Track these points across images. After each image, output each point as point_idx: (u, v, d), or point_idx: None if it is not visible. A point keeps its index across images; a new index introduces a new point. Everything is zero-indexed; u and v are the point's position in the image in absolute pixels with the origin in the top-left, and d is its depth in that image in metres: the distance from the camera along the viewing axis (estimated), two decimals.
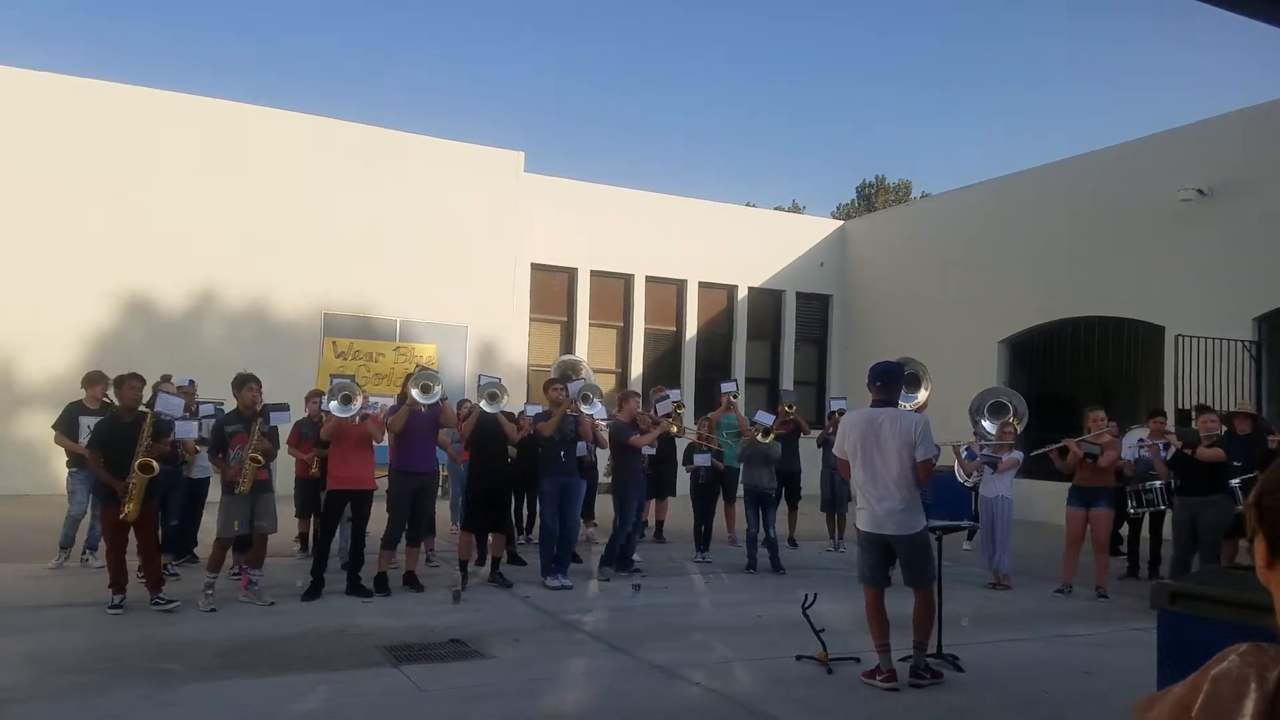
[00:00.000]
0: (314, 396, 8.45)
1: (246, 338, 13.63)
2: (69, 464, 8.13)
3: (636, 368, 17.35)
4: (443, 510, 9.91)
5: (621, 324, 17.55)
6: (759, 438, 9.35)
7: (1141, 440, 9.25)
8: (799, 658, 5.72)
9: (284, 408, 7.43)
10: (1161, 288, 12.94)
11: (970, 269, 16.15)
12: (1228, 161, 12.41)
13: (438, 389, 7.63)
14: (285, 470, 8.40)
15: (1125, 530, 9.95)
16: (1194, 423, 8.55)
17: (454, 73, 64.71)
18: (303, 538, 8.81)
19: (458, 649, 5.86)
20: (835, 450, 5.76)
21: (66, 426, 8.05)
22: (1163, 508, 9.03)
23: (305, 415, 8.40)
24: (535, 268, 16.47)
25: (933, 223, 17.78)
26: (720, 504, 10.60)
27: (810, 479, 11.22)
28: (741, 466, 9.80)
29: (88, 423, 7.87)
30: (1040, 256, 14.90)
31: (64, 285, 12.99)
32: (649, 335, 17.68)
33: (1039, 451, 9.07)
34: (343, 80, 60.52)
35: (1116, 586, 8.61)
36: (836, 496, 10.80)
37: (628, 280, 17.50)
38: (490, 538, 8.26)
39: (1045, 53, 59.23)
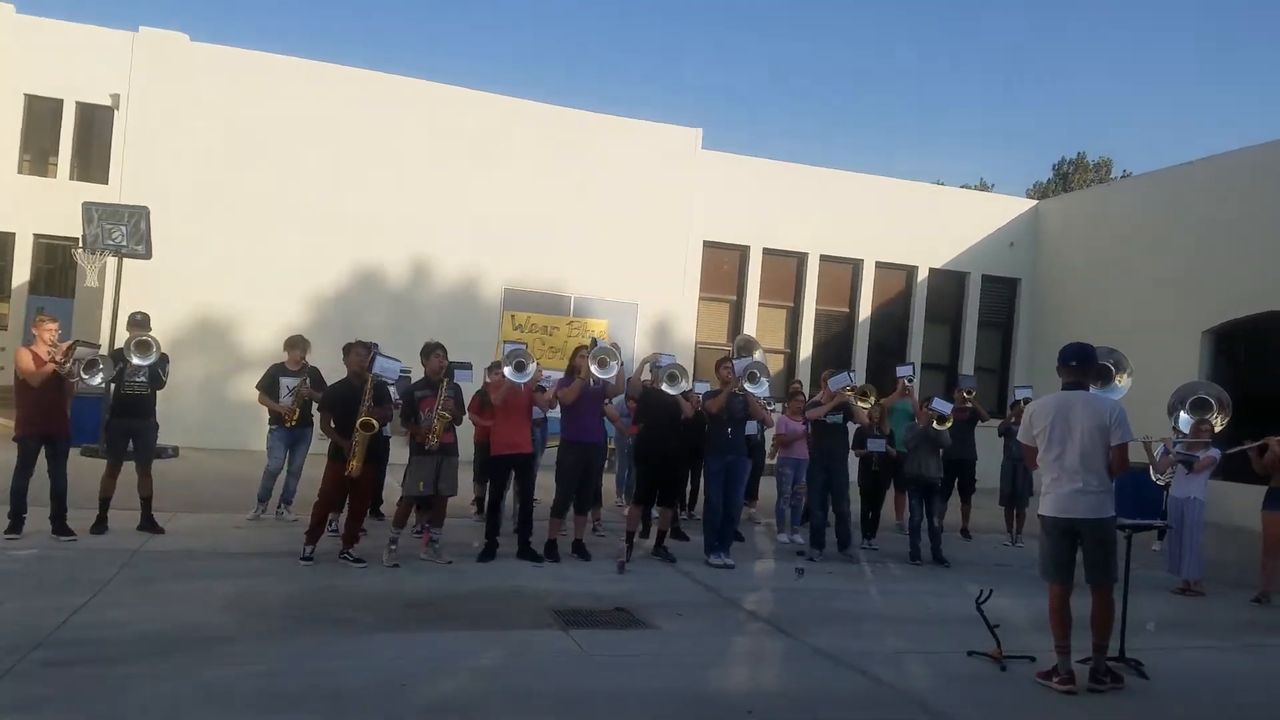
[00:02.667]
0: (495, 368, 8.84)
1: (435, 310, 14.48)
2: (270, 421, 8.78)
3: (806, 349, 17.09)
4: (608, 482, 10.17)
5: (792, 304, 17.32)
6: (934, 425, 9.02)
7: None
8: (971, 653, 5.52)
9: (467, 366, 7.86)
10: None
11: (1173, 253, 14.90)
12: None
13: (614, 364, 7.78)
14: (465, 436, 8.85)
15: None
16: None
17: (638, 50, 65.40)
18: (479, 501, 9.28)
19: (623, 617, 6.02)
20: (1021, 437, 5.49)
21: (268, 386, 8.66)
22: None
23: (486, 384, 8.82)
24: (707, 245, 16.51)
25: (1134, 203, 16.46)
26: (891, 492, 10.34)
27: (988, 470, 10.71)
28: (906, 453, 9.48)
29: (288, 384, 8.54)
30: (1251, 241, 13.57)
31: (278, 258, 14.23)
32: (820, 316, 17.36)
33: (1236, 449, 8.36)
34: (527, 61, 62.52)
35: None
36: (1017, 490, 10.28)
37: (801, 259, 17.23)
38: (656, 511, 8.40)
39: (1260, 25, 52.97)
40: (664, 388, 7.99)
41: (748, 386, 8.32)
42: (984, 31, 60.27)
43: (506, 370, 7.54)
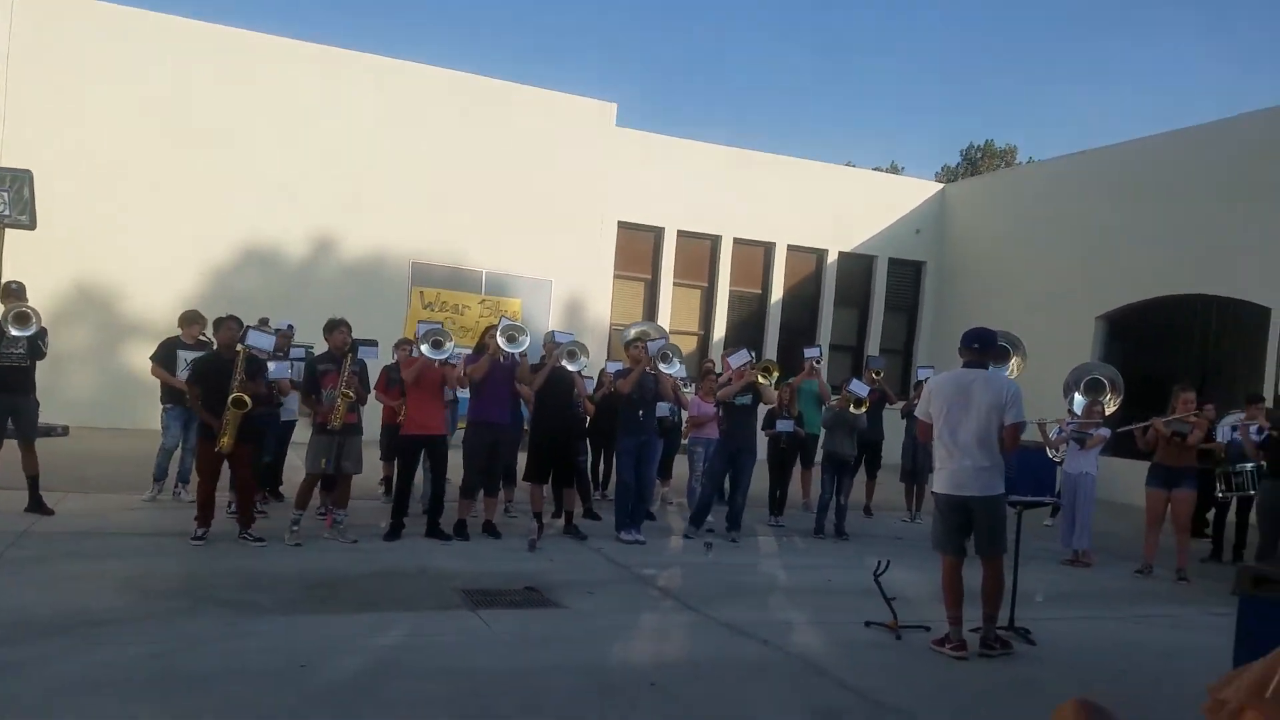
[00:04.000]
0: (403, 345, 8.68)
1: (337, 284, 14.05)
2: (163, 399, 8.42)
3: (719, 330, 17.27)
4: (524, 462, 10.09)
5: (706, 285, 17.47)
6: (850, 408, 9.23)
7: (1238, 423, 8.85)
8: (868, 623, 5.71)
9: (373, 343, 7.65)
10: (1271, 268, 12.21)
11: (1073, 240, 15.51)
12: None
13: (524, 339, 7.74)
14: (372, 415, 8.67)
15: (1211, 513, 9.70)
16: None
17: (550, 20, 64.66)
18: (386, 481, 9.12)
19: (532, 596, 6.01)
20: (918, 413, 5.68)
21: (164, 359, 8.33)
22: (1252, 492, 8.71)
23: (394, 362, 8.65)
24: (622, 225, 16.47)
25: (1037, 190, 17.06)
26: (797, 470, 10.55)
27: (892, 448, 11.04)
28: (823, 432, 9.69)
29: (185, 357, 8.20)
30: (1145, 229, 14.23)
31: (170, 226, 13.58)
32: (734, 297, 17.54)
33: (1124, 429, 8.81)
34: (437, 25, 61.14)
35: (1198, 570, 8.37)
36: (917, 467, 10.62)
37: (715, 241, 17.37)
38: (564, 491, 8.39)
39: (1170, 19, 55.65)
40: (564, 364, 7.98)
41: (661, 367, 8.37)
42: (901, 16, 61.56)
43: (424, 348, 7.41)
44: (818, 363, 10.61)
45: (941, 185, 20.18)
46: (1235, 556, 9.13)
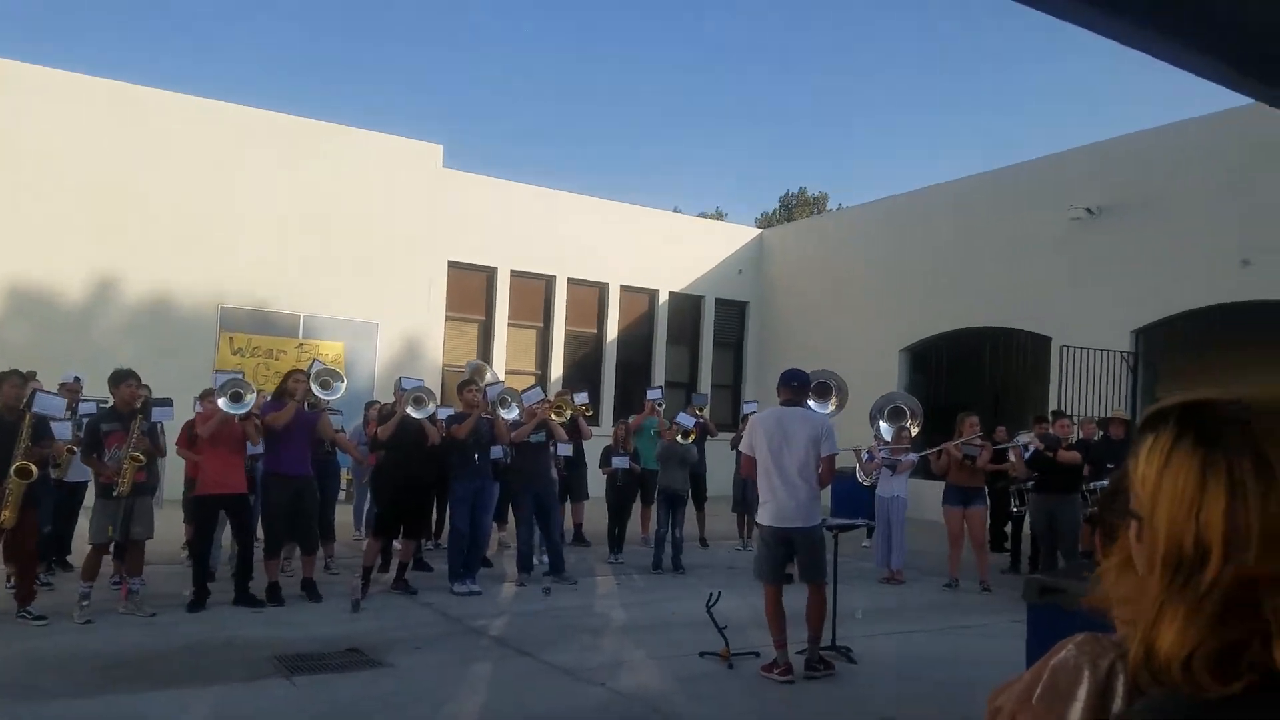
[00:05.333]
0: (209, 395, 8.11)
1: (139, 332, 12.97)
2: None
3: (556, 369, 17.24)
4: (344, 515, 9.65)
5: (541, 325, 17.43)
6: (678, 439, 9.45)
7: (1023, 444, 9.70)
8: (702, 654, 5.81)
9: (167, 403, 7.08)
10: (1050, 301, 13.50)
11: (876, 279, 16.59)
12: (1115, 183, 13.00)
13: (339, 385, 7.42)
14: (175, 473, 8.05)
15: (1009, 527, 10.52)
16: (1055, 426, 9.32)
17: (375, 64, 63.44)
18: (190, 545, 8.45)
19: (355, 658, 5.70)
20: (742, 447, 5.93)
21: None
22: None
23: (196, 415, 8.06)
24: (453, 265, 16.20)
25: (843, 235, 18.22)
26: (638, 506, 10.63)
27: (722, 480, 11.31)
28: (658, 469, 9.84)
29: None
30: (939, 269, 15.40)
31: None
32: (570, 337, 17.59)
33: (921, 454, 9.51)
34: (254, 65, 58.63)
35: (1001, 580, 8.96)
36: (747, 498, 10.88)
37: (549, 281, 17.39)
38: (396, 543, 8.06)
39: (967, 74, 61.18)
40: (410, 412, 7.71)
41: (501, 412, 8.24)
42: (728, 71, 64.44)
43: (221, 402, 6.91)
44: (660, 404, 10.81)
45: (760, 231, 21.18)
46: (1031, 567, 9.83)
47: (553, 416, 8.84)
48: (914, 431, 9.42)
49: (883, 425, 9.29)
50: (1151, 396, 12.88)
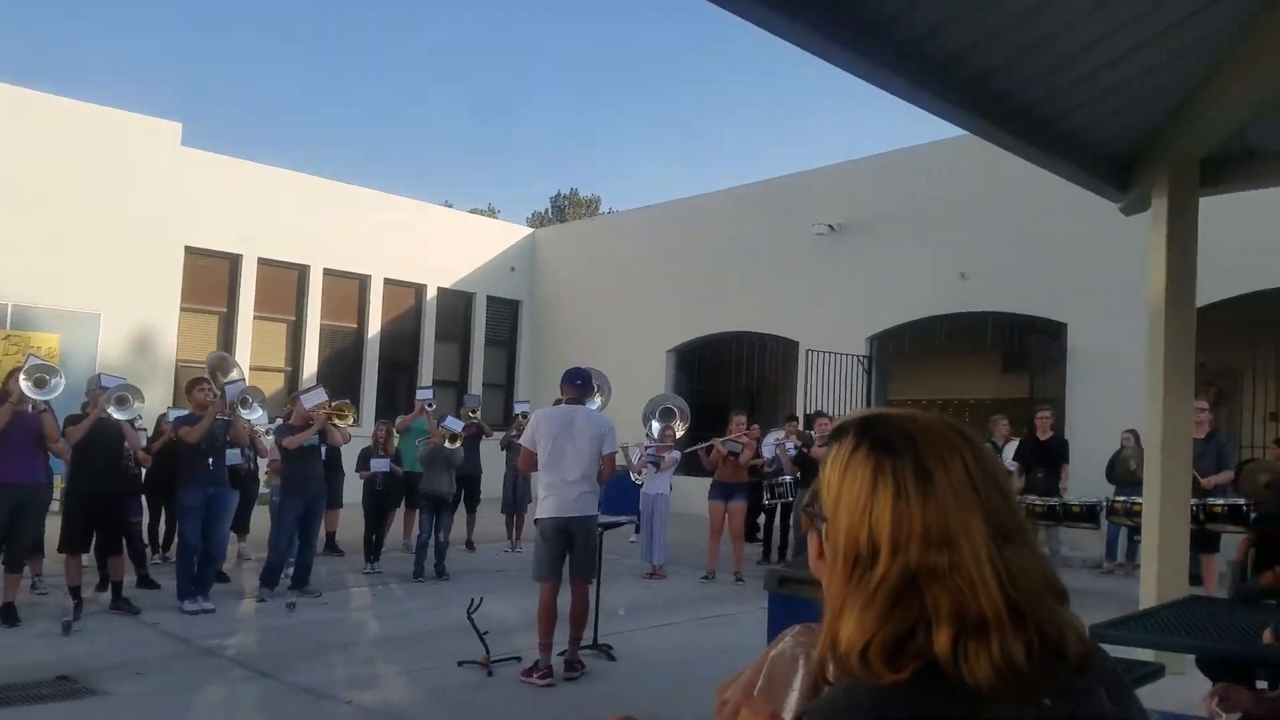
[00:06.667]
0: None
1: None
2: None
3: (311, 365, 16.21)
4: (54, 528, 8.53)
5: (294, 318, 16.33)
6: (445, 443, 9.16)
7: (778, 440, 10.34)
8: (461, 663, 5.63)
9: None
10: (798, 308, 14.55)
11: (645, 282, 17.06)
12: (854, 202, 14.24)
13: (57, 382, 6.57)
14: None
15: (762, 519, 11.09)
16: (814, 426, 9.92)
17: (107, 36, 57.02)
18: None
19: (65, 687, 5.05)
20: (524, 441, 5.88)
21: None
22: (791, 499, 10.14)
23: None
24: (191, 251, 14.78)
25: (615, 238, 18.57)
26: (402, 511, 10.21)
27: (492, 481, 11.13)
28: (420, 471, 9.48)
29: None
30: (702, 275, 16.11)
31: None
32: (325, 331, 16.61)
33: (690, 449, 9.87)
34: None
35: (754, 571, 9.40)
36: (518, 498, 10.81)
37: (302, 271, 16.32)
38: (110, 560, 7.21)
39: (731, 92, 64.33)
40: (111, 412, 6.91)
41: (242, 412, 7.60)
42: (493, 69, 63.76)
43: None
44: (431, 405, 10.39)
45: (532, 230, 21.13)
46: (780, 557, 10.53)
47: (335, 421, 8.28)
48: (679, 431, 9.75)
49: (654, 425, 9.58)
50: (884, 396, 14.18)
